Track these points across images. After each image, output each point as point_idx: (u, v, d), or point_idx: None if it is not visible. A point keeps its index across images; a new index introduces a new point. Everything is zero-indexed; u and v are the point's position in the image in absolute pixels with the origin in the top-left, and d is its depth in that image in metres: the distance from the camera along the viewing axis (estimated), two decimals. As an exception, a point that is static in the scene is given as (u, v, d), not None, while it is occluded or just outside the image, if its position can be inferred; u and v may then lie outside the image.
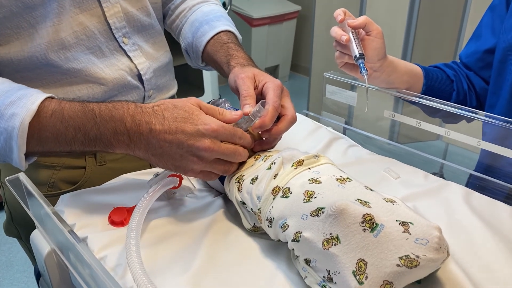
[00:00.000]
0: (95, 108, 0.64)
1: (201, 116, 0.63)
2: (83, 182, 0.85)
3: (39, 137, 0.64)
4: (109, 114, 0.63)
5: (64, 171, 0.84)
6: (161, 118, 0.62)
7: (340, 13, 0.81)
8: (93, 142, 0.64)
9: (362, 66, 0.78)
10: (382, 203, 0.54)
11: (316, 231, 0.53)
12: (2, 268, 2.08)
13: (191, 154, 0.62)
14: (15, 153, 0.64)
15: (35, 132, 0.63)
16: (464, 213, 0.68)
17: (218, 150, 0.62)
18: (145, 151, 0.63)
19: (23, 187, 0.62)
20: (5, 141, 0.63)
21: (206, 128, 0.61)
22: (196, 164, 0.63)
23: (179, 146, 0.61)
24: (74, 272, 0.54)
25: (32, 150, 0.65)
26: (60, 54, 0.75)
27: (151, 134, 0.61)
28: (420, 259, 0.48)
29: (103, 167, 0.87)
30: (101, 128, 0.63)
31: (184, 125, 0.61)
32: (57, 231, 0.55)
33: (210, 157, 0.63)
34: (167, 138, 0.61)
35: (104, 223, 0.67)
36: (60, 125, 0.63)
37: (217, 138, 0.62)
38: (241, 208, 0.65)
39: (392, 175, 0.78)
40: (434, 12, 2.09)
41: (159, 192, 0.66)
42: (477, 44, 0.95)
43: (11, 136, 0.63)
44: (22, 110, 0.62)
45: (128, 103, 0.64)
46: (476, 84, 0.95)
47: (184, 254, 0.61)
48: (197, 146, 0.61)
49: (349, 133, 0.99)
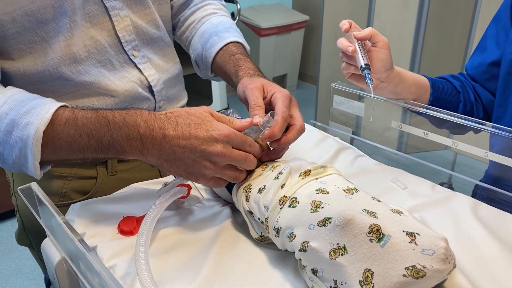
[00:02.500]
0: (109, 115, 0.65)
1: (214, 122, 0.64)
2: (94, 192, 0.86)
3: (53, 145, 0.65)
4: (123, 120, 0.64)
5: (75, 181, 0.85)
6: (175, 124, 0.63)
7: (345, 23, 0.82)
8: (106, 149, 0.64)
9: (367, 77, 0.79)
10: (389, 214, 0.55)
11: (323, 241, 0.53)
12: (12, 276, 2.09)
13: (204, 159, 0.63)
14: (30, 162, 0.65)
15: (49, 140, 0.64)
16: (472, 224, 0.68)
17: (230, 155, 0.63)
18: (157, 157, 0.64)
19: (34, 197, 0.63)
20: (20, 150, 0.65)
21: (219, 134, 0.62)
22: (208, 169, 0.63)
23: (192, 151, 0.62)
24: (84, 281, 0.54)
25: (46, 159, 0.66)
26: (72, 67, 0.76)
27: (164, 139, 0.62)
28: (427, 269, 0.49)
29: (114, 177, 0.88)
30: (114, 134, 0.64)
31: (197, 130, 0.62)
32: (68, 240, 0.56)
33: (222, 162, 0.64)
34: (181, 143, 0.62)
35: (113, 232, 0.68)
36: (73, 132, 0.64)
37: (229, 143, 0.63)
38: (249, 217, 0.66)
39: (400, 185, 0.79)
40: (441, 23, 2.09)
41: (168, 202, 0.67)
42: (482, 57, 0.95)
43: (26, 145, 0.64)
44: (36, 119, 0.64)
45: (141, 110, 0.65)
46: (483, 96, 0.95)
47: (192, 263, 0.62)
48: (210, 151, 0.62)
49: (356, 143, 0.99)
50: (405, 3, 2.10)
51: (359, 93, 0.96)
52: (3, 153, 0.67)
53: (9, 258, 2.18)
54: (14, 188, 0.90)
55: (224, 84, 3.19)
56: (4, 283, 2.06)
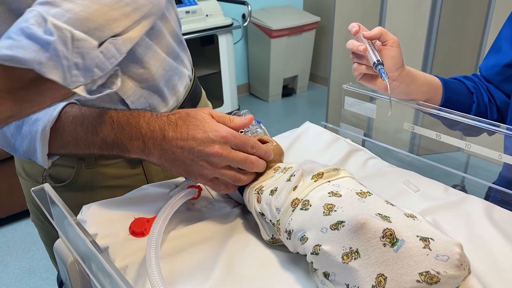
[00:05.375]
0: (113, 115, 0.68)
1: (212, 123, 0.65)
2: (72, 181, 0.85)
3: (61, 140, 0.69)
4: (126, 120, 0.67)
5: (55, 168, 0.84)
6: (174, 126, 0.65)
7: (354, 25, 0.83)
8: (110, 147, 0.68)
9: (382, 71, 0.79)
10: (403, 219, 0.54)
11: (336, 244, 0.53)
12: (25, 276, 2.11)
13: (201, 160, 0.64)
14: (39, 154, 0.70)
15: (57, 136, 0.68)
16: (485, 227, 0.67)
17: (228, 156, 0.64)
18: (158, 157, 0.66)
19: (47, 197, 0.63)
20: (30, 142, 0.69)
21: (216, 135, 0.64)
22: (205, 169, 0.65)
23: (190, 151, 0.64)
24: (96, 282, 0.55)
25: (55, 152, 0.70)
26: None
27: (164, 140, 0.65)
28: (441, 275, 0.48)
29: (91, 170, 0.85)
30: (118, 134, 0.67)
31: (195, 132, 0.64)
32: (80, 241, 0.57)
33: (220, 163, 0.65)
34: (179, 144, 0.64)
35: (125, 234, 0.68)
36: (80, 129, 0.68)
37: (227, 144, 0.65)
38: (260, 219, 0.66)
39: (412, 188, 0.78)
40: (454, 23, 2.07)
41: (178, 203, 0.67)
42: (496, 58, 0.94)
43: (34, 140, 0.68)
44: (44, 116, 0.68)
45: (144, 111, 0.68)
46: (497, 97, 0.94)
47: (203, 265, 0.62)
48: (207, 152, 0.64)
49: (368, 145, 0.98)
50: (417, 3, 2.09)
51: (371, 94, 0.95)
52: (15, 144, 0.71)
53: (23, 258, 2.20)
54: (16, 168, 0.91)
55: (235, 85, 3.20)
56: (18, 283, 2.08)
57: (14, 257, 2.22)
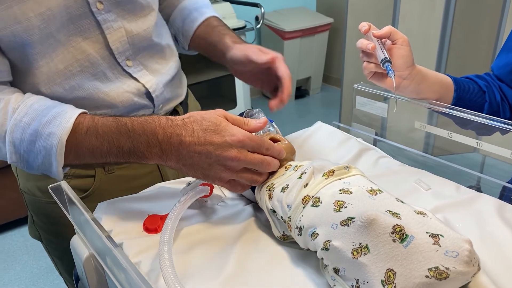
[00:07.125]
0: (128, 123, 0.67)
1: (228, 127, 0.66)
2: (94, 190, 0.87)
3: (76, 152, 0.69)
4: (142, 128, 0.67)
5: (74, 180, 0.86)
6: (191, 130, 0.65)
7: (364, 24, 0.84)
8: (127, 155, 0.68)
9: (389, 69, 0.79)
10: (413, 215, 0.54)
11: (346, 240, 0.53)
12: (43, 274, 2.15)
13: (219, 164, 0.65)
14: (54, 167, 0.70)
15: (72, 148, 0.68)
16: (497, 226, 0.66)
17: (245, 159, 0.65)
18: (176, 162, 0.66)
19: (64, 195, 0.65)
20: (45, 157, 0.69)
21: (233, 139, 0.64)
22: (223, 172, 0.66)
23: (208, 156, 0.64)
24: (112, 276, 0.56)
25: (70, 163, 0.70)
26: (64, 84, 0.77)
27: (181, 145, 0.65)
28: (450, 271, 0.48)
29: (112, 175, 0.89)
30: (134, 142, 0.66)
31: (212, 136, 0.64)
32: (96, 237, 0.58)
33: (237, 166, 0.65)
34: (197, 149, 0.64)
35: (139, 230, 0.70)
36: (95, 140, 0.68)
37: (244, 148, 0.65)
38: (271, 216, 0.66)
39: (423, 186, 0.78)
40: (468, 22, 2.05)
41: (190, 201, 0.68)
42: (508, 56, 0.93)
43: (50, 154, 0.68)
44: (58, 129, 0.67)
45: (159, 117, 0.68)
46: (509, 96, 0.93)
47: (215, 261, 0.63)
48: (224, 156, 0.64)
49: (380, 145, 0.98)
50: (431, 3, 2.07)
51: (382, 93, 0.95)
52: (28, 159, 0.71)
53: (41, 257, 2.24)
54: (21, 186, 0.93)
55: (248, 87, 3.20)
56: (36, 281, 2.12)
57: (31, 257, 2.26)
